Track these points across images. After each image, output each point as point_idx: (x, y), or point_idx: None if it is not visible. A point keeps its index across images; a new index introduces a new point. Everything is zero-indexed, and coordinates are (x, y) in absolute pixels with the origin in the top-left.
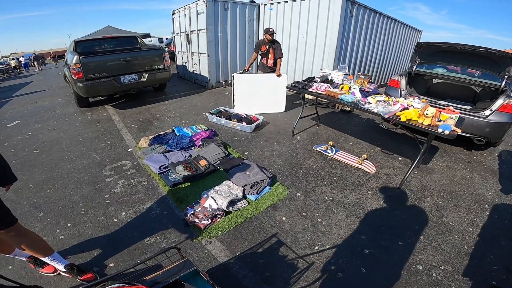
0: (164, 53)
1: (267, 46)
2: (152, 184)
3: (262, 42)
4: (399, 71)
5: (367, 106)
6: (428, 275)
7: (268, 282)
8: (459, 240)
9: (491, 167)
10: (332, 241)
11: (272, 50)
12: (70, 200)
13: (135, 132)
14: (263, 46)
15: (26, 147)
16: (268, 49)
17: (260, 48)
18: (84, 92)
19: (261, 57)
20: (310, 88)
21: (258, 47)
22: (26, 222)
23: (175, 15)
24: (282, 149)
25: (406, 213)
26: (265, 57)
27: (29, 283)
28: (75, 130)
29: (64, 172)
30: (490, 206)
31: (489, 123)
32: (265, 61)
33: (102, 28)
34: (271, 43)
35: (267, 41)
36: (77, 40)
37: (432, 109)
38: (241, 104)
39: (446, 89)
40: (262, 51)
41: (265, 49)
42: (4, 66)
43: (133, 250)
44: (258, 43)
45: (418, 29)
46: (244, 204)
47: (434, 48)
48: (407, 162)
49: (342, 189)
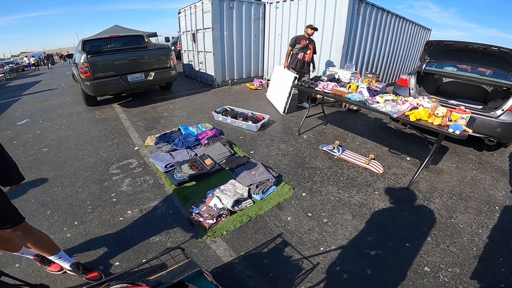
0: (171, 52)
1: (307, 41)
2: (158, 183)
3: (302, 37)
4: (407, 70)
5: (375, 105)
6: (436, 277)
7: (272, 283)
8: (468, 242)
9: (502, 168)
10: (338, 242)
11: (311, 46)
12: (77, 198)
13: (141, 130)
14: (303, 41)
15: (35, 145)
16: (308, 44)
17: (299, 42)
18: (92, 90)
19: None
20: (317, 87)
21: (295, 42)
22: (34, 220)
23: (181, 14)
24: (288, 148)
25: (414, 214)
26: (302, 52)
27: (35, 281)
28: (83, 128)
29: (71, 170)
30: (500, 208)
31: (500, 123)
32: (301, 56)
33: (109, 28)
34: (309, 39)
35: (307, 36)
36: (85, 39)
37: (443, 108)
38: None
39: (457, 88)
40: (301, 45)
41: (304, 44)
42: (14, 65)
43: (138, 249)
44: (296, 38)
45: (427, 28)
46: (249, 203)
47: (444, 46)
48: (415, 162)
49: (349, 189)
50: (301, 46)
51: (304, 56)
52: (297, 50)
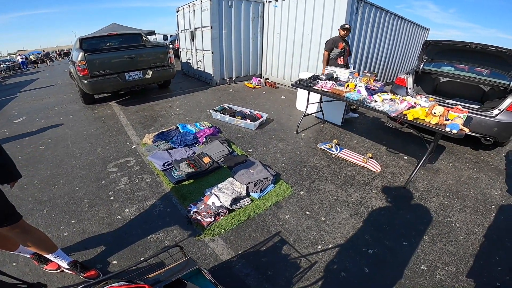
0: (169, 50)
1: (343, 44)
2: (156, 181)
3: (338, 39)
4: (405, 69)
5: (373, 104)
6: (432, 275)
7: (270, 281)
8: (464, 241)
9: (498, 167)
10: (335, 240)
11: (348, 48)
12: (74, 196)
13: (139, 128)
14: (340, 44)
15: (32, 143)
16: (345, 47)
17: (337, 46)
18: (89, 89)
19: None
20: (315, 85)
21: (332, 46)
22: (31, 218)
23: (180, 12)
24: (286, 146)
25: (411, 213)
26: (342, 56)
27: (32, 280)
28: (80, 126)
29: (69, 169)
30: (496, 207)
31: (497, 123)
32: (341, 61)
33: (107, 26)
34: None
35: (342, 38)
36: (83, 37)
37: (440, 108)
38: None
39: (454, 88)
40: (339, 49)
41: (342, 47)
42: (11, 64)
43: (136, 247)
44: (333, 41)
45: (425, 27)
46: (247, 202)
47: (442, 46)
48: (413, 161)
49: (347, 188)
50: (340, 50)
51: (343, 61)
52: (335, 55)
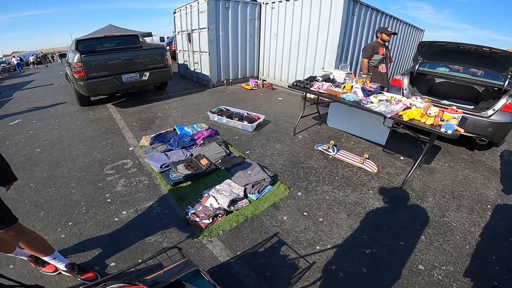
0: (166, 52)
1: (384, 49)
2: (153, 183)
3: (378, 44)
4: (401, 70)
5: (369, 105)
6: (430, 275)
7: (269, 282)
8: (461, 240)
9: (493, 167)
10: (333, 241)
11: (389, 54)
12: (71, 199)
13: (136, 130)
14: (381, 49)
15: (28, 146)
16: (386, 53)
17: (377, 52)
18: (85, 90)
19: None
20: (312, 87)
21: (372, 52)
22: (28, 221)
23: (177, 14)
24: (283, 148)
25: (408, 213)
26: (383, 63)
27: (30, 282)
28: (76, 128)
29: (65, 171)
30: (492, 206)
31: (492, 123)
32: (382, 68)
33: (103, 27)
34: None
35: (382, 43)
36: (79, 39)
37: (435, 108)
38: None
39: (449, 89)
40: (380, 56)
41: (383, 53)
42: (6, 65)
43: (134, 249)
44: (372, 47)
45: (420, 28)
46: (245, 203)
47: (437, 47)
48: (409, 161)
49: (344, 189)
50: (381, 57)
51: (386, 68)
52: (376, 62)
